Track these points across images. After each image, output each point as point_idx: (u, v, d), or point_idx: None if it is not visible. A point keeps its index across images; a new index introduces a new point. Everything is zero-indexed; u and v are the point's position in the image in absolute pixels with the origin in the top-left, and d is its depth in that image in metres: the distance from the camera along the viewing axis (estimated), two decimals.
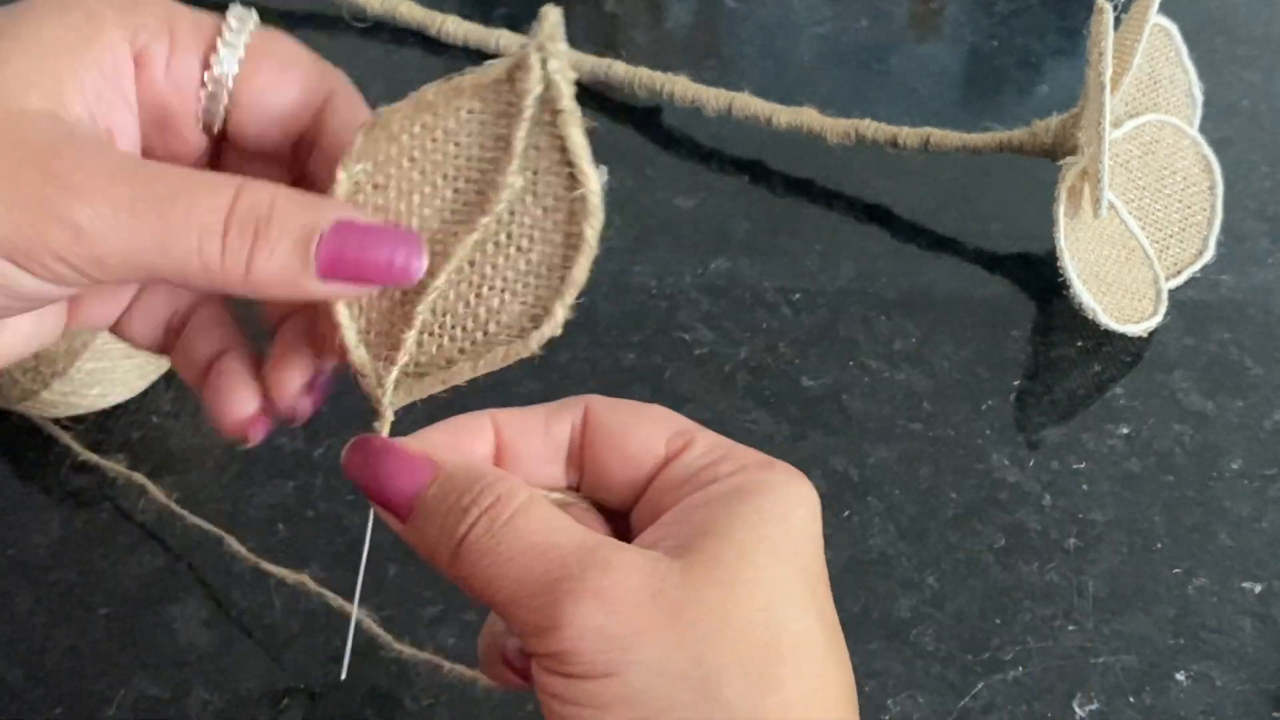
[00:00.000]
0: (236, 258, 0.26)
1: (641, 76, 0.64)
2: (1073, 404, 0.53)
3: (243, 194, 0.26)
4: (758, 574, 0.26)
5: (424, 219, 0.28)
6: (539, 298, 0.28)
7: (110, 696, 0.43)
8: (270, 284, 0.26)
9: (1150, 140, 0.57)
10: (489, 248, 0.28)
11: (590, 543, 0.26)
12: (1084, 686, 0.44)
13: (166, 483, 0.49)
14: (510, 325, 0.28)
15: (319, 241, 0.26)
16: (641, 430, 0.29)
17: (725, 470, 0.28)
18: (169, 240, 0.25)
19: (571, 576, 0.25)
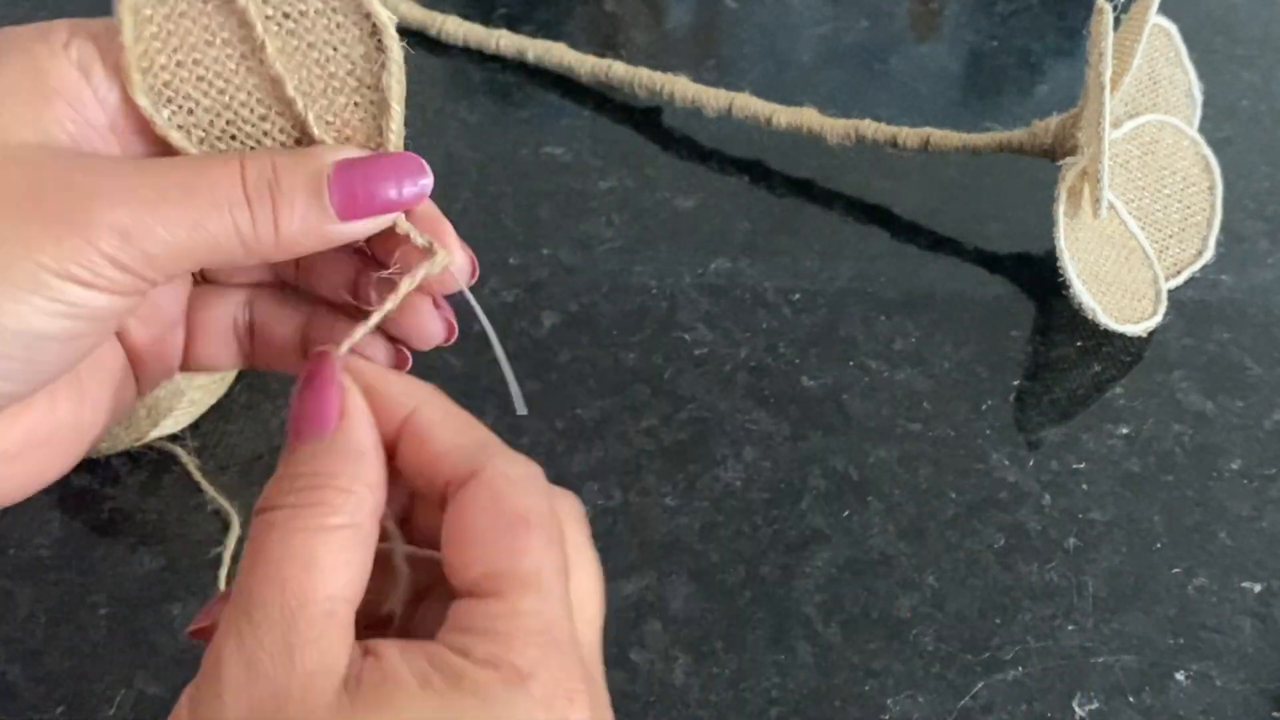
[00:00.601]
0: (264, 223, 0.27)
1: (641, 76, 0.64)
2: (1073, 404, 0.53)
3: (247, 163, 0.27)
4: None
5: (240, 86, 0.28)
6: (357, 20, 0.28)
7: (110, 696, 0.43)
8: (300, 238, 0.27)
9: (1150, 140, 0.57)
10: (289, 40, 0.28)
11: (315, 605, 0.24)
12: (1084, 686, 0.44)
13: (166, 482, 0.49)
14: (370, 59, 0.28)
15: (328, 186, 0.27)
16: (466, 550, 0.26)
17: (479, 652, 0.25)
18: (205, 222, 0.26)
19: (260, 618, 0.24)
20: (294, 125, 0.29)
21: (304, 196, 0.27)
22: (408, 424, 0.28)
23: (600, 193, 0.61)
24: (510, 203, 0.61)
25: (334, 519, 0.25)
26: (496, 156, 0.63)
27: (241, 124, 0.29)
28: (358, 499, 0.26)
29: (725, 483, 0.50)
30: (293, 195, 0.27)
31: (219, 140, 0.29)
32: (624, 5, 0.73)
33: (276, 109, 0.29)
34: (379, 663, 0.25)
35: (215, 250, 0.27)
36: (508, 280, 0.57)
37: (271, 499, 0.26)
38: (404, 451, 0.28)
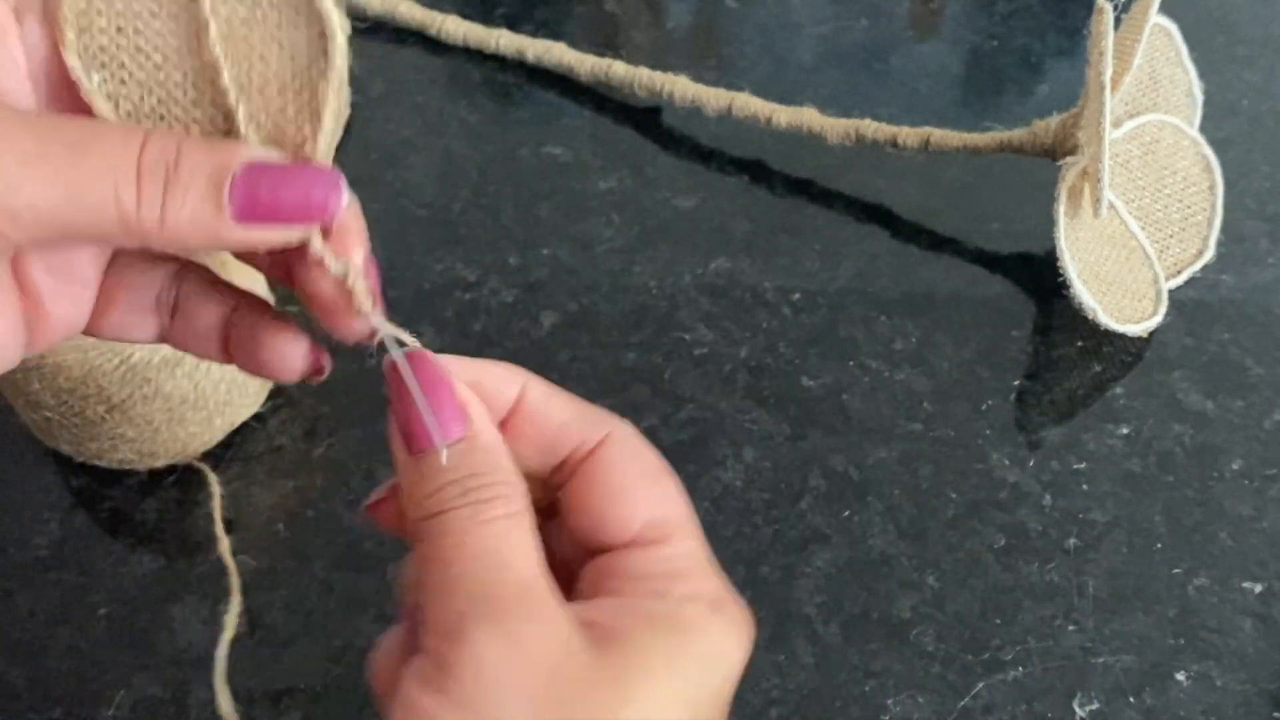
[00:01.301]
0: (150, 204, 0.25)
1: (641, 76, 0.64)
2: (1073, 404, 0.53)
3: (150, 139, 0.25)
4: (651, 703, 0.25)
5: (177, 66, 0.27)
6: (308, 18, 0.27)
7: (110, 696, 0.43)
8: (186, 232, 0.25)
9: (1150, 140, 0.57)
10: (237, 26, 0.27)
11: (539, 588, 0.26)
12: (1084, 686, 0.44)
13: (166, 482, 0.49)
14: (314, 62, 0.27)
15: (231, 184, 0.25)
16: (630, 499, 0.28)
17: (677, 592, 0.27)
18: (84, 189, 0.24)
19: (500, 608, 0.25)
20: (224, 117, 0.27)
21: (201, 187, 0.25)
22: (520, 406, 0.29)
23: (600, 193, 0.61)
24: (510, 203, 0.61)
25: (516, 506, 0.27)
26: (496, 156, 0.63)
27: (172, 105, 0.27)
28: (516, 484, 0.27)
29: (725, 483, 0.50)
30: (190, 181, 0.25)
31: (146, 118, 0.27)
32: (624, 5, 0.73)
33: (210, 96, 0.27)
34: (594, 625, 0.26)
35: (90, 222, 0.25)
36: (508, 280, 0.57)
37: (444, 500, 0.26)
38: (519, 436, 0.29)
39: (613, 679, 0.25)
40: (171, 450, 0.48)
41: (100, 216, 0.24)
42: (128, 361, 0.45)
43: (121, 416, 0.46)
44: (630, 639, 0.26)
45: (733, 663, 0.27)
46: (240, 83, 0.27)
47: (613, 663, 0.26)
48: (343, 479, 0.49)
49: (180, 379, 0.46)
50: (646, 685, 0.26)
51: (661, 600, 0.27)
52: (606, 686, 0.25)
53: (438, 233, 0.59)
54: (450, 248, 0.58)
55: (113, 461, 0.48)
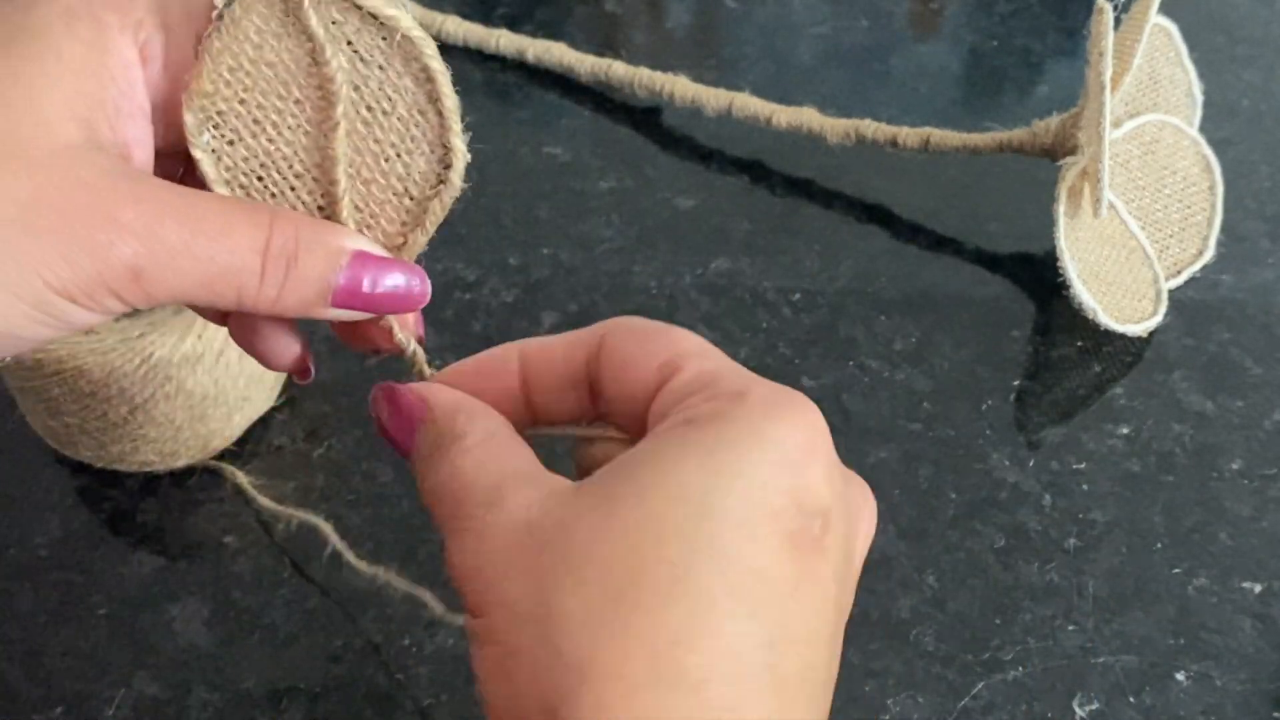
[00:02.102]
0: (270, 292, 0.27)
1: (641, 76, 0.64)
2: (1073, 404, 0.53)
3: (274, 231, 0.27)
4: (642, 511, 0.24)
5: (290, 143, 0.29)
6: (432, 142, 0.29)
7: (110, 696, 0.43)
8: (291, 311, 0.28)
9: (1150, 140, 0.57)
10: (360, 129, 0.29)
11: (506, 478, 0.26)
12: (1084, 687, 0.44)
13: (166, 482, 0.49)
14: (427, 178, 0.30)
15: (340, 271, 0.28)
16: (638, 357, 0.28)
17: (694, 402, 0.26)
18: (215, 281, 0.27)
19: (465, 512, 0.26)
20: (324, 198, 0.29)
21: (316, 280, 0.28)
22: (524, 359, 0.30)
23: (600, 193, 0.61)
24: (510, 203, 0.61)
25: (477, 435, 0.28)
26: (496, 156, 0.63)
27: (274, 175, 0.29)
28: (486, 418, 0.28)
29: None
30: (306, 274, 0.28)
31: (244, 178, 0.29)
32: (624, 5, 0.73)
33: (315, 176, 0.29)
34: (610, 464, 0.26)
35: (209, 302, 0.27)
36: (508, 280, 0.57)
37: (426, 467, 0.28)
38: (538, 383, 0.30)
39: (595, 506, 0.25)
40: (193, 449, 0.48)
41: (220, 299, 0.27)
42: (149, 361, 0.45)
43: (144, 416, 0.46)
44: (626, 458, 0.25)
45: (779, 442, 0.25)
46: (352, 175, 0.29)
47: (602, 490, 0.25)
48: (343, 479, 0.49)
49: (201, 375, 0.46)
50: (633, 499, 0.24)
51: (679, 414, 0.26)
52: (587, 516, 0.24)
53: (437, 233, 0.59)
54: (450, 248, 0.58)
55: (134, 464, 0.48)
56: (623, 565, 0.24)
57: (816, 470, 0.25)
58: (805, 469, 0.25)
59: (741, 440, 0.25)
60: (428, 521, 0.29)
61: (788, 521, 0.24)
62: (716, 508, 0.24)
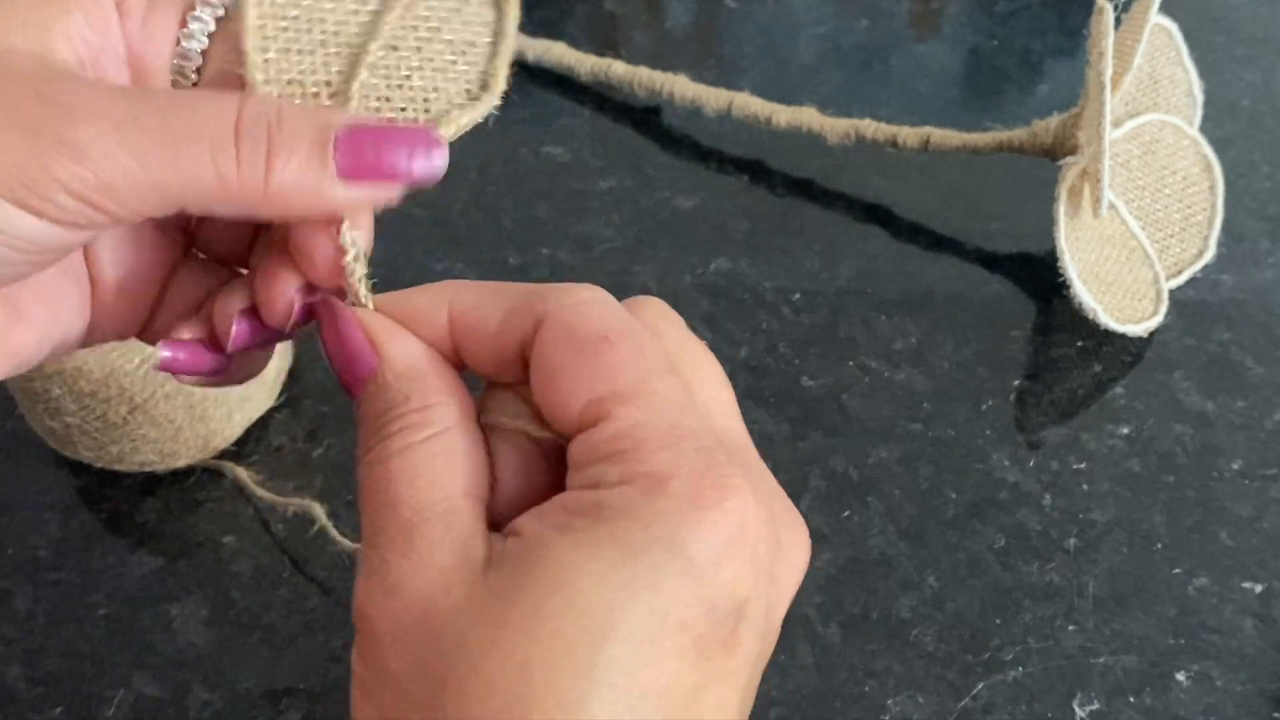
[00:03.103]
0: (253, 166, 0.24)
1: (641, 76, 0.64)
2: (1073, 404, 0.53)
3: (248, 102, 0.25)
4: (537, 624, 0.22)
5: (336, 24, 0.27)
6: (474, 65, 0.28)
7: (110, 696, 0.43)
8: (291, 192, 0.25)
9: (1150, 140, 0.57)
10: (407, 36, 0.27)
11: (423, 516, 0.24)
12: (1084, 687, 0.44)
13: (165, 482, 0.49)
14: (452, 98, 0.28)
15: (335, 143, 0.25)
16: (561, 388, 0.25)
17: (610, 476, 0.23)
18: (179, 153, 0.24)
19: (380, 556, 0.24)
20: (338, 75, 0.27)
21: (307, 144, 0.24)
22: (454, 323, 0.26)
23: (600, 193, 0.61)
24: (510, 203, 0.61)
25: (420, 434, 0.25)
26: (496, 156, 0.63)
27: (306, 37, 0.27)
28: (438, 410, 0.25)
29: None
30: (294, 140, 0.24)
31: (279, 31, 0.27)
32: (624, 5, 0.73)
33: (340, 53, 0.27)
34: (519, 538, 0.23)
35: (187, 188, 0.24)
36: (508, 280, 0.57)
37: (360, 449, 0.25)
38: (467, 349, 0.26)
39: (495, 607, 0.22)
40: (193, 448, 0.48)
41: (197, 181, 0.24)
42: (149, 360, 0.45)
43: (144, 416, 0.46)
44: (541, 549, 0.23)
45: (689, 545, 0.22)
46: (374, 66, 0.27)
47: (506, 586, 0.22)
48: (343, 479, 0.49)
49: None
50: (535, 606, 0.22)
51: (593, 490, 0.23)
52: (486, 616, 0.22)
53: (438, 233, 0.59)
54: (450, 248, 0.58)
55: (134, 465, 0.48)
56: (510, 687, 0.22)
57: (734, 568, 0.23)
58: (721, 571, 0.23)
59: (651, 549, 0.22)
60: None
61: (696, 630, 0.22)
62: (617, 629, 0.22)
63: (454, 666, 0.22)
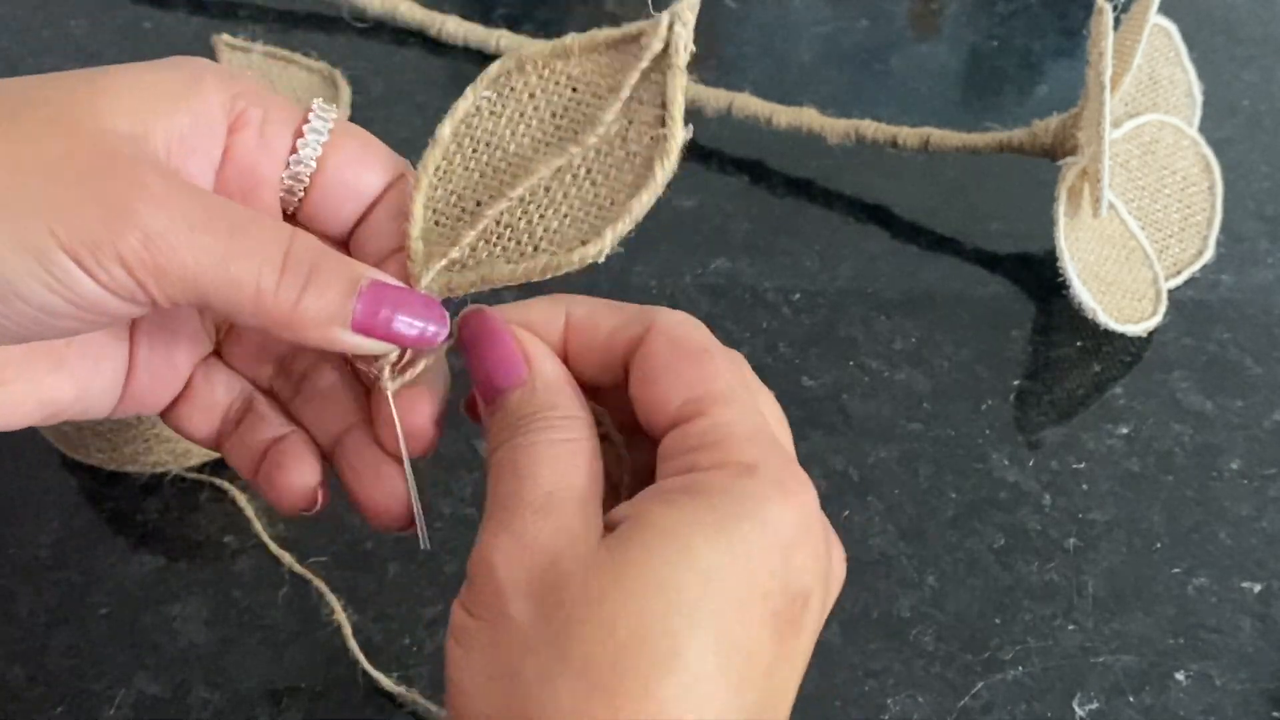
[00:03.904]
0: (289, 292, 0.27)
1: None
2: (1073, 404, 0.53)
3: (297, 237, 0.27)
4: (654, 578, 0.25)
5: (520, 144, 0.30)
6: (594, 225, 0.29)
7: (110, 696, 0.43)
8: (310, 323, 0.27)
9: (1150, 140, 0.57)
10: (568, 178, 0.30)
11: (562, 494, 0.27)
12: (1084, 686, 0.44)
13: (166, 482, 0.49)
14: (560, 245, 0.30)
15: (359, 294, 0.28)
16: (664, 382, 0.28)
17: (704, 462, 0.27)
18: (232, 263, 0.26)
19: (515, 513, 0.26)
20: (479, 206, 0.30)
21: (338, 289, 0.27)
22: (570, 329, 0.30)
23: None
24: None
25: (564, 434, 0.28)
26: None
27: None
28: (578, 421, 0.28)
29: None
30: (328, 281, 0.27)
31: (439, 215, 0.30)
32: (624, 5, 0.73)
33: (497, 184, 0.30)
34: (627, 523, 0.26)
35: (228, 297, 0.26)
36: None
37: (503, 434, 0.28)
38: (576, 354, 0.30)
39: (611, 561, 0.25)
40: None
41: (237, 291, 0.26)
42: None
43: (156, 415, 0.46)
44: (645, 518, 0.26)
45: (770, 525, 0.26)
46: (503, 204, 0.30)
47: (619, 546, 0.26)
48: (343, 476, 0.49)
49: None
50: (647, 561, 0.25)
51: (689, 474, 0.27)
52: (604, 569, 0.25)
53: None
54: None
55: (147, 465, 0.48)
56: (627, 627, 0.25)
57: (805, 554, 0.27)
58: (795, 553, 0.26)
59: (744, 520, 0.26)
60: None
61: (774, 603, 0.26)
62: (720, 585, 0.25)
63: (576, 610, 0.25)
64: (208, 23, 0.69)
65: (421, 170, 0.30)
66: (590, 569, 0.25)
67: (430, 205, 0.30)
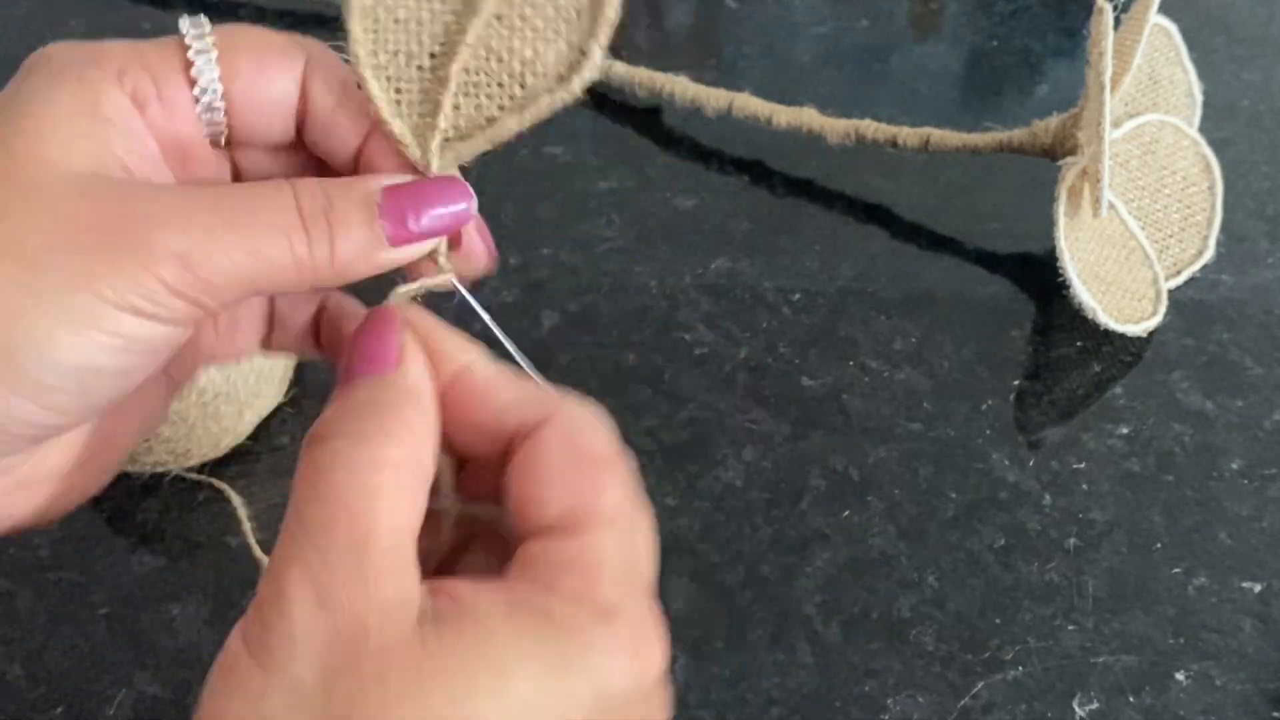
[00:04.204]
0: (321, 248, 0.27)
1: (641, 76, 0.64)
2: (1073, 404, 0.53)
3: (299, 191, 0.27)
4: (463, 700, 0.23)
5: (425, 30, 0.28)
6: (572, 42, 0.28)
7: (110, 696, 0.43)
8: (353, 261, 0.27)
9: (1150, 140, 0.57)
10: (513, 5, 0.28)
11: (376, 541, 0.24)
12: (1084, 686, 0.44)
13: (166, 482, 0.49)
14: (547, 73, 0.28)
15: (380, 213, 0.27)
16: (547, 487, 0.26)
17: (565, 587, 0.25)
18: (263, 248, 0.26)
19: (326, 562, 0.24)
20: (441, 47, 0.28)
21: (359, 222, 0.27)
22: (460, 380, 0.28)
23: (600, 193, 0.61)
24: (510, 203, 0.61)
25: (396, 451, 0.25)
26: (496, 156, 0.62)
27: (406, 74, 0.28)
28: (418, 435, 0.26)
29: (725, 483, 0.50)
30: (347, 220, 0.27)
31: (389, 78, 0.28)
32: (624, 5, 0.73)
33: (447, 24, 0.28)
34: (454, 599, 0.24)
35: (273, 276, 0.26)
36: (508, 280, 0.57)
37: (330, 426, 0.25)
38: (455, 407, 0.27)
39: (424, 664, 0.23)
40: (205, 446, 0.48)
41: (281, 269, 0.26)
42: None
43: None
44: (478, 620, 0.24)
45: (611, 685, 0.24)
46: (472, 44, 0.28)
47: (441, 646, 0.23)
48: None
49: (213, 372, 0.46)
50: (464, 678, 0.23)
51: (542, 593, 0.24)
52: (412, 670, 0.23)
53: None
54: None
55: (147, 466, 0.48)
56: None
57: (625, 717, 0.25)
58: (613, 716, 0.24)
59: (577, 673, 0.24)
60: None
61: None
62: None
63: (366, 697, 0.23)
64: None
65: (355, 45, 0.28)
66: (395, 657, 0.23)
67: (380, 75, 0.28)
